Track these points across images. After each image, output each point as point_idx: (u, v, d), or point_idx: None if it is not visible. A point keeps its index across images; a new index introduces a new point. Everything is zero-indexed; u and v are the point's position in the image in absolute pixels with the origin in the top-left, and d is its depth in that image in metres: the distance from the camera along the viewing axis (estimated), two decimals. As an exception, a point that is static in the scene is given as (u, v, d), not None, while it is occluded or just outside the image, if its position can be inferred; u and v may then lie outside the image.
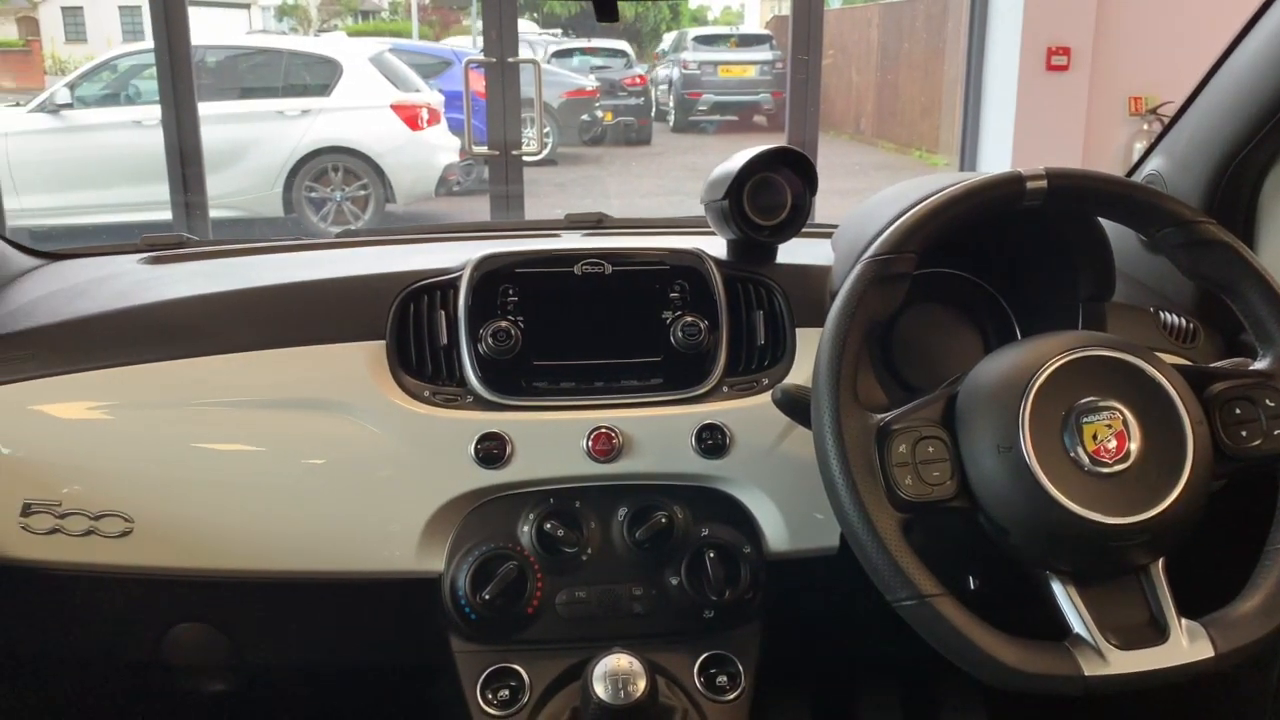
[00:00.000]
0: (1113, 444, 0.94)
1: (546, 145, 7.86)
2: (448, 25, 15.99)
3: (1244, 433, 1.00)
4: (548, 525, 1.18)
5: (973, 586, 1.17)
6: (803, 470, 1.16)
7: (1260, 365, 1.04)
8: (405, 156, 7.16)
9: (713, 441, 1.20)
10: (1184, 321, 1.35)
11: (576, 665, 1.15)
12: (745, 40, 12.74)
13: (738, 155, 1.30)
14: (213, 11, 14.98)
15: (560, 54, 11.65)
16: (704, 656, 1.21)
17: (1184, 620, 0.94)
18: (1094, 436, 0.94)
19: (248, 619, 1.31)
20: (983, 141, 5.26)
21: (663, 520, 1.18)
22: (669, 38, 14.32)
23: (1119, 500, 0.93)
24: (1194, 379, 1.00)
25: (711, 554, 1.19)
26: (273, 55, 7.79)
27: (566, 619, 1.19)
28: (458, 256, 1.29)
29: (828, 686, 1.68)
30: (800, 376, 1.23)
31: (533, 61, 4.77)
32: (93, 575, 1.19)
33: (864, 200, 1.30)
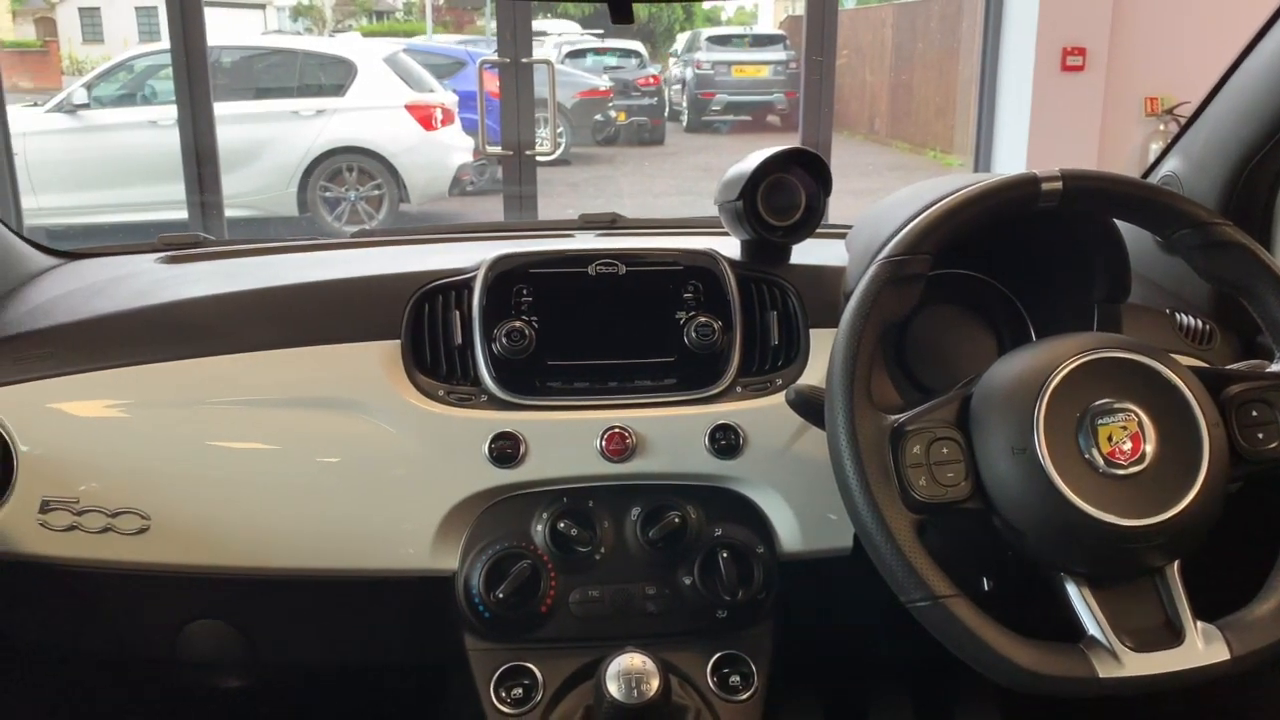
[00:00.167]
0: (1128, 446, 0.94)
1: (560, 145, 7.85)
2: (462, 26, 16.03)
3: (1260, 435, 0.99)
4: (561, 524, 1.18)
5: (987, 588, 1.17)
6: (816, 471, 1.16)
7: (1277, 367, 1.03)
8: (419, 156, 7.18)
9: (726, 442, 1.20)
10: (1200, 323, 1.35)
11: (590, 664, 1.15)
12: (759, 40, 12.74)
13: (752, 156, 1.30)
14: (228, 12, 15.06)
15: (574, 54, 11.67)
16: (717, 656, 1.21)
17: (1199, 623, 0.94)
18: (1109, 438, 0.94)
19: (263, 616, 1.31)
20: (997, 142, 5.24)
21: (676, 520, 1.18)
22: (683, 38, 14.33)
23: (1134, 502, 0.92)
24: (1210, 381, 1.00)
25: (725, 554, 1.19)
26: (288, 56, 7.83)
27: (580, 618, 1.19)
28: (472, 256, 1.30)
29: (841, 687, 1.68)
30: (814, 377, 1.23)
31: (546, 62, 4.78)
32: (110, 572, 1.19)
33: (878, 201, 1.30)
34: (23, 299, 1.39)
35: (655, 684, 1.05)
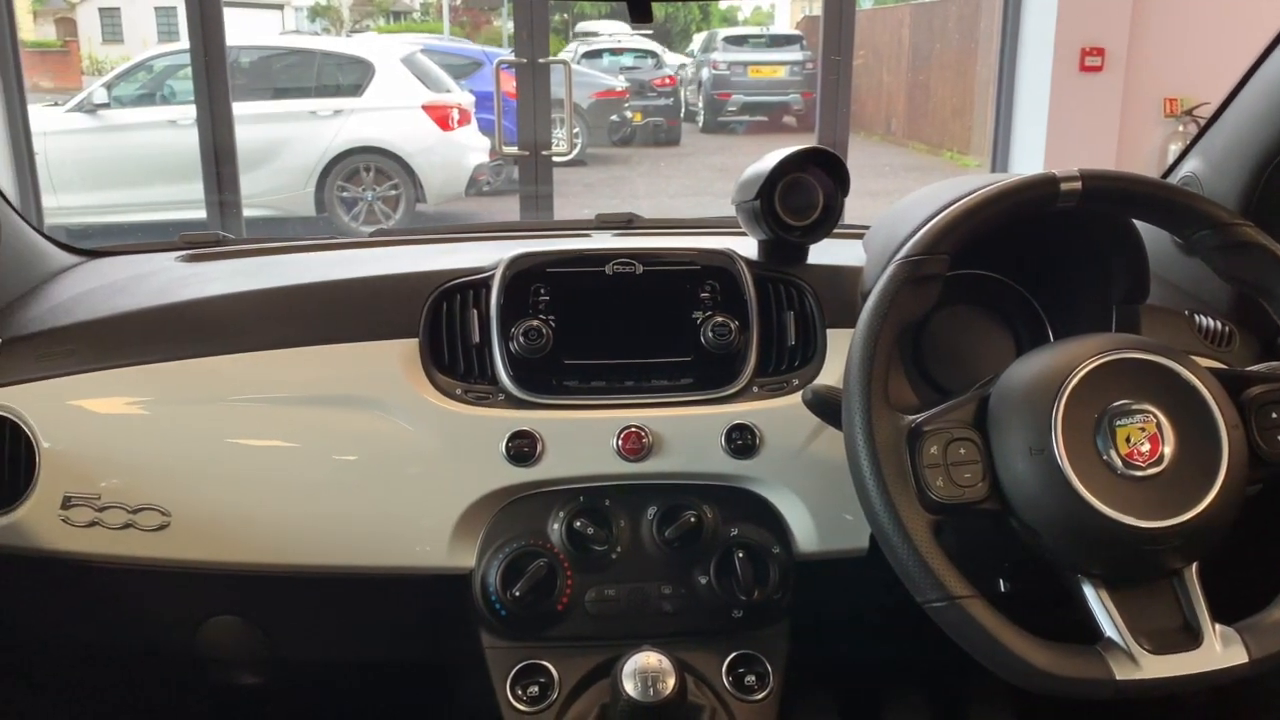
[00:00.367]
0: (1146, 447, 0.93)
1: (576, 146, 7.87)
2: (478, 26, 16.06)
3: None
4: (578, 523, 1.18)
5: (1003, 589, 1.16)
6: (833, 471, 1.15)
7: (1297, 369, 1.03)
8: (436, 157, 7.20)
9: (742, 442, 1.20)
10: (1219, 325, 1.34)
11: (605, 663, 1.16)
12: (775, 40, 12.71)
13: (769, 155, 1.30)
14: (247, 12, 15.13)
15: (590, 54, 11.67)
16: (732, 656, 1.21)
17: (1218, 625, 0.93)
18: (1127, 439, 0.93)
19: (281, 613, 1.32)
20: (1015, 143, 5.21)
21: (692, 520, 1.19)
22: (699, 38, 14.31)
23: (1152, 504, 0.92)
24: (1230, 382, 1.00)
25: (740, 554, 1.19)
26: (306, 56, 7.86)
27: (596, 616, 1.19)
28: (490, 256, 1.30)
29: (856, 687, 1.68)
30: (831, 377, 1.23)
31: (563, 62, 4.79)
32: (130, 568, 1.20)
33: (897, 201, 1.30)
34: (45, 296, 1.40)
35: (671, 683, 1.05)
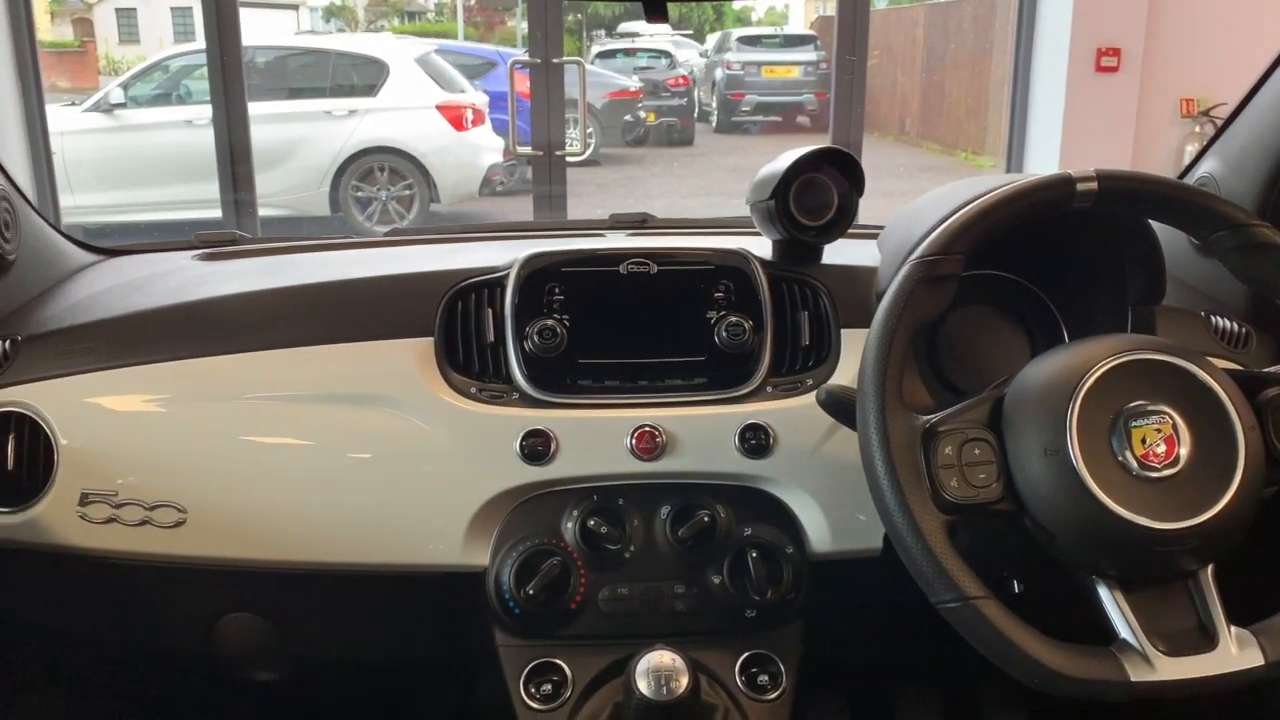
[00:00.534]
0: (1161, 448, 0.93)
1: (590, 146, 7.86)
2: (493, 26, 16.08)
3: None
4: (591, 522, 1.18)
5: (1017, 589, 1.16)
6: (846, 471, 1.15)
7: (1315, 371, 1.02)
8: (450, 156, 7.22)
9: (756, 441, 1.20)
10: (1236, 326, 1.33)
11: (619, 661, 1.16)
12: (790, 41, 12.69)
13: (784, 155, 1.30)
14: (262, 12, 15.19)
15: (604, 55, 11.68)
16: (745, 655, 1.21)
17: (1233, 627, 0.93)
18: (1143, 440, 0.93)
19: (295, 610, 1.33)
20: (1030, 143, 5.20)
21: (705, 519, 1.19)
22: (713, 38, 14.30)
23: (1167, 505, 0.92)
24: (1246, 384, 0.99)
25: (754, 554, 1.19)
26: (321, 56, 7.90)
27: (609, 615, 1.20)
28: (504, 255, 1.31)
29: (869, 688, 1.68)
30: (845, 377, 1.23)
31: (577, 62, 4.79)
32: (147, 564, 1.21)
33: (911, 201, 1.30)
34: (63, 295, 1.41)
35: (685, 681, 1.05)
